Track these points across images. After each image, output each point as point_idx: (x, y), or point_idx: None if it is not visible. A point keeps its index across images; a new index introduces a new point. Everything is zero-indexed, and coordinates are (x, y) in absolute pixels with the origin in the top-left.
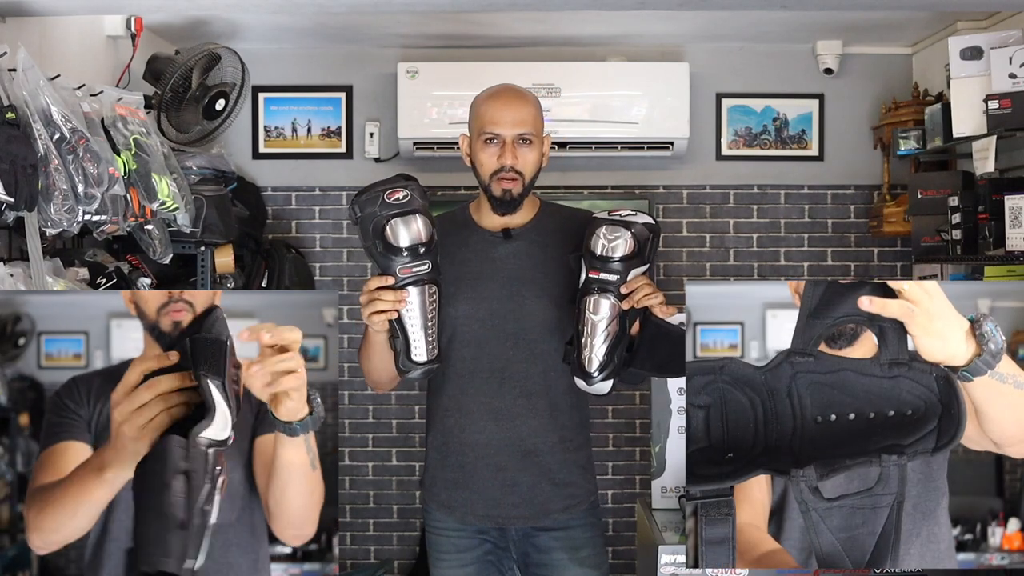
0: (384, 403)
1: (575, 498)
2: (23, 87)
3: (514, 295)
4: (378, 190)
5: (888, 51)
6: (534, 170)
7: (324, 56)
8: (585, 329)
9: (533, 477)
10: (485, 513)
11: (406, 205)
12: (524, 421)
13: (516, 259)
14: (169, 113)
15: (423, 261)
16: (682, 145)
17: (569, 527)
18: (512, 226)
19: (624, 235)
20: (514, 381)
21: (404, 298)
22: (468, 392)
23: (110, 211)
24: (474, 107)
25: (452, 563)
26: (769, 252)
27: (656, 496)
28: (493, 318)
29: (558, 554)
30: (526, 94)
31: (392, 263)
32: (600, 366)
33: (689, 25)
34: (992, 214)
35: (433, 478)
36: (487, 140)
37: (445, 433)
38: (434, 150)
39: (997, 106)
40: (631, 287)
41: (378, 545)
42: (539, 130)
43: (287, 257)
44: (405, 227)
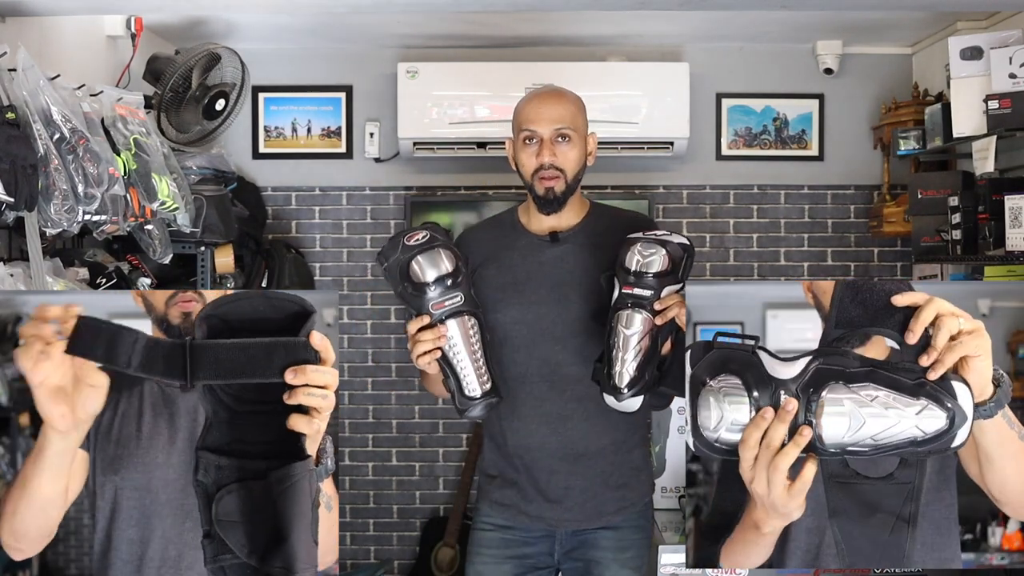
0: (384, 403)
1: (628, 500)
2: (23, 87)
3: (562, 299)
4: (398, 238)
5: (888, 51)
6: (576, 167)
7: (324, 56)
8: (617, 343)
9: (586, 481)
10: (538, 515)
11: (427, 243)
12: (576, 424)
13: (563, 262)
14: (169, 113)
15: (453, 294)
16: (682, 145)
17: (620, 528)
18: (559, 229)
19: (660, 252)
20: (565, 384)
21: (443, 333)
22: (519, 396)
23: (110, 211)
24: (515, 110)
25: (489, 559)
26: (769, 252)
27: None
28: (541, 322)
29: (604, 553)
30: (565, 93)
31: (423, 301)
32: (631, 382)
33: (689, 25)
34: (992, 214)
35: (488, 477)
36: (526, 140)
37: (500, 436)
38: (434, 150)
39: (997, 106)
40: (665, 303)
41: (378, 545)
42: (580, 128)
43: (287, 257)
44: (428, 262)
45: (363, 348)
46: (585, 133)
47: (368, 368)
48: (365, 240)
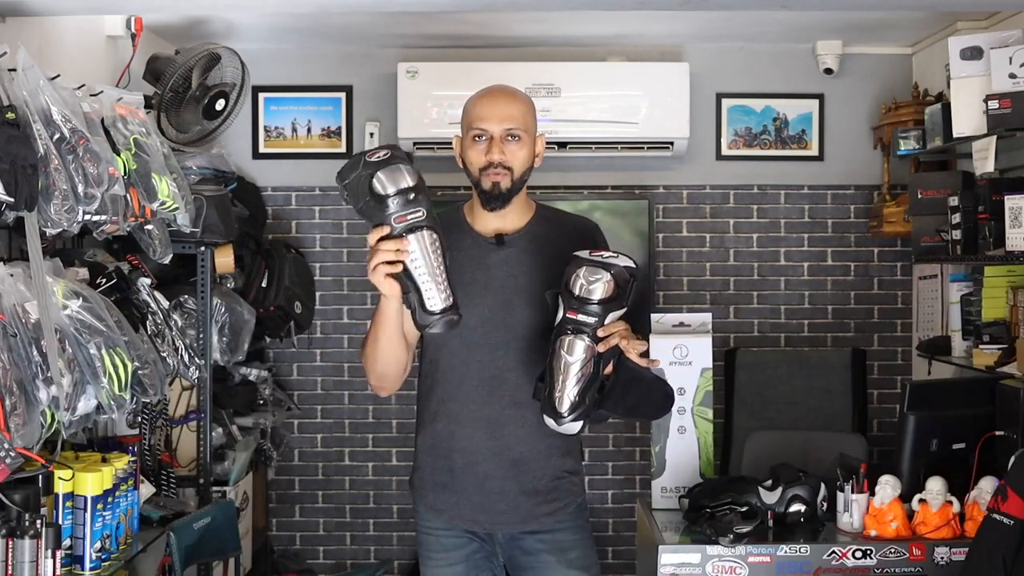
0: (384, 403)
1: (561, 502)
2: (23, 87)
3: (505, 303)
4: (358, 156)
5: (888, 51)
6: (524, 167)
7: (324, 56)
8: (559, 368)
9: (519, 485)
10: (472, 518)
11: (388, 159)
12: (512, 430)
13: (508, 266)
14: (169, 113)
15: (416, 208)
16: (682, 145)
17: (555, 530)
18: (505, 231)
19: (604, 276)
20: (504, 390)
21: (405, 247)
22: (457, 399)
23: (110, 211)
24: (464, 108)
25: (440, 562)
26: (769, 252)
27: (656, 496)
28: (484, 325)
29: (545, 556)
30: (516, 93)
31: (385, 213)
32: (571, 407)
33: (689, 25)
34: (992, 214)
35: (422, 480)
36: (475, 137)
37: (434, 437)
38: (434, 150)
39: (997, 106)
40: (608, 330)
41: (378, 545)
42: (529, 128)
43: (287, 257)
44: (389, 176)
45: None
46: (535, 134)
47: None
48: (365, 240)
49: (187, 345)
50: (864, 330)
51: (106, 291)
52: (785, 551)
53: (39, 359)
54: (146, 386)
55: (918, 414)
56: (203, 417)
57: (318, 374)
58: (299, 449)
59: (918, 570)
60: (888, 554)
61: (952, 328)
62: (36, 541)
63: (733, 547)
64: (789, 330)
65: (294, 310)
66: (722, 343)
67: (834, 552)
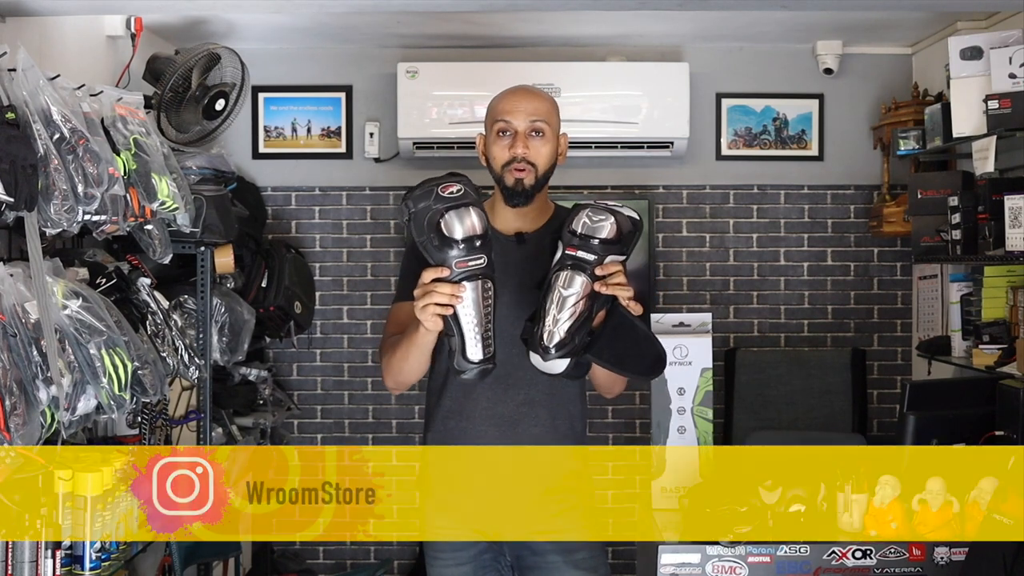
0: (384, 403)
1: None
2: (23, 87)
3: (522, 302)
4: (431, 185)
5: (888, 51)
6: (547, 163)
7: (324, 56)
8: (553, 300)
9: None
10: (480, 525)
11: (461, 198)
12: (526, 428)
13: (527, 264)
14: (169, 113)
15: (479, 255)
16: (682, 145)
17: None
18: (525, 230)
19: (609, 219)
20: (518, 388)
21: (460, 292)
22: (471, 396)
23: (110, 211)
24: (489, 105)
25: (448, 562)
26: (769, 252)
27: (656, 496)
28: (501, 323)
29: (553, 556)
30: (541, 92)
31: (448, 257)
32: (560, 343)
33: (689, 25)
34: (992, 214)
35: (431, 477)
36: (500, 132)
37: (445, 434)
38: (434, 150)
39: (997, 106)
40: (607, 270)
41: (378, 545)
42: (553, 125)
43: (287, 257)
44: (459, 220)
45: (363, 348)
46: (558, 132)
47: (368, 368)
48: (365, 240)
49: (187, 345)
50: (864, 330)
51: (106, 291)
52: (785, 551)
53: (39, 359)
54: (146, 386)
55: (918, 414)
56: (203, 417)
57: (318, 374)
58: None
59: (918, 570)
60: (888, 554)
61: (952, 328)
62: (36, 541)
63: (733, 547)
64: (789, 330)
65: (294, 310)
66: (722, 343)
67: (834, 552)
